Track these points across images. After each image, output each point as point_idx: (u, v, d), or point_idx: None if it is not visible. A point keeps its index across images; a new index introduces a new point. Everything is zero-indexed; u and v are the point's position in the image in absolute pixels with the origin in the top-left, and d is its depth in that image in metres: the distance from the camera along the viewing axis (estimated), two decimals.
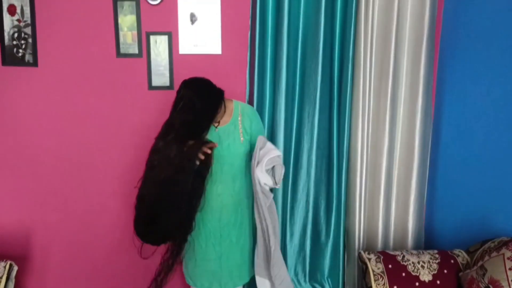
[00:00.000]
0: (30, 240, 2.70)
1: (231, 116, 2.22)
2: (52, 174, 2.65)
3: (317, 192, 2.80)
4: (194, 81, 2.10)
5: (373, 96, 2.64)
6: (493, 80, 2.35)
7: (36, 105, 2.58)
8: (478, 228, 2.38)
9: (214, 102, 2.08)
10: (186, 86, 2.06)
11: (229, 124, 2.21)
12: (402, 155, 2.69)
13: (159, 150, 2.02)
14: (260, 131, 2.30)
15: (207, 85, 2.10)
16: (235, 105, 2.25)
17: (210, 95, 2.07)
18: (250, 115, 2.25)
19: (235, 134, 2.20)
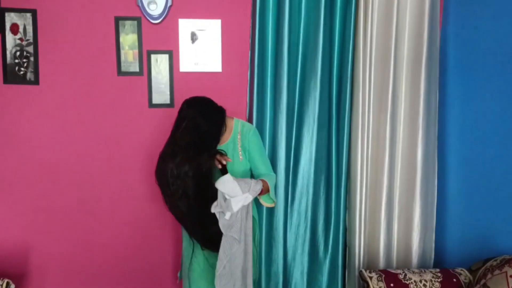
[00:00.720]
0: (28, 258, 2.68)
1: (230, 134, 2.22)
2: (52, 191, 2.64)
3: (316, 209, 2.78)
4: (196, 100, 2.11)
5: (373, 114, 2.64)
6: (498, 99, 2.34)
7: (37, 123, 2.59)
8: (481, 246, 2.37)
9: (218, 121, 2.09)
10: (189, 106, 2.06)
11: (229, 142, 2.21)
12: (404, 174, 2.67)
13: (173, 173, 1.96)
14: (259, 151, 2.28)
15: (209, 104, 2.11)
16: (235, 123, 2.26)
17: (213, 114, 2.08)
18: (249, 135, 2.24)
19: (234, 152, 2.20)
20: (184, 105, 2.07)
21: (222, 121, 2.11)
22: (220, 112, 2.12)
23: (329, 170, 2.73)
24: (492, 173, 2.39)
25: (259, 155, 2.29)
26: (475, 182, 2.50)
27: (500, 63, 2.31)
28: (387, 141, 2.63)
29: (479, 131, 2.47)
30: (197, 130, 2.00)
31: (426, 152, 2.63)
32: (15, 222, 2.65)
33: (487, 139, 2.42)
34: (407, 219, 2.68)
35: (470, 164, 2.54)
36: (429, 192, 2.66)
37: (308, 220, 2.78)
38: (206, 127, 2.01)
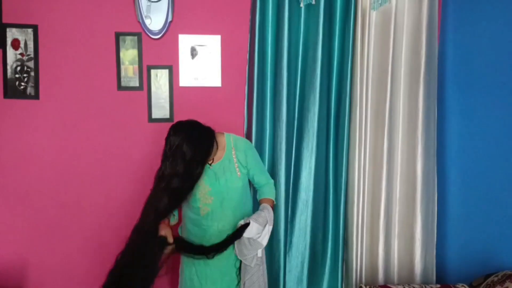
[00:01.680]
0: (26, 273, 2.65)
1: (224, 151, 2.19)
2: (50, 206, 2.63)
3: (316, 226, 2.77)
4: (181, 125, 2.04)
5: (370, 129, 2.65)
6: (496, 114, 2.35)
7: (36, 138, 2.59)
8: (482, 261, 2.35)
9: (205, 143, 2.04)
10: (175, 132, 1.99)
11: (223, 160, 2.18)
12: (403, 188, 2.67)
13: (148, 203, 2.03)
14: (257, 164, 2.29)
15: (195, 127, 2.05)
16: (226, 138, 2.22)
17: (200, 137, 2.03)
18: (245, 149, 2.23)
19: (230, 169, 2.17)
20: (171, 131, 2.01)
21: (210, 142, 2.06)
22: (208, 133, 2.07)
23: (327, 185, 2.73)
24: (493, 188, 2.39)
25: (258, 168, 2.29)
26: (476, 197, 2.49)
27: (498, 79, 2.32)
28: (384, 156, 2.64)
29: (478, 146, 2.48)
30: (182, 158, 1.95)
31: (426, 167, 2.62)
32: (13, 236, 2.63)
33: (486, 154, 2.42)
34: (408, 234, 2.66)
35: (470, 179, 2.54)
36: (429, 207, 2.65)
37: (308, 236, 2.76)
38: (191, 154, 1.95)
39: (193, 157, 1.96)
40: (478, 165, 2.48)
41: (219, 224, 2.18)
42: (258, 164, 2.30)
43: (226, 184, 2.15)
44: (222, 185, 2.14)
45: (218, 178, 2.14)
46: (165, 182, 1.97)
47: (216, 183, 2.13)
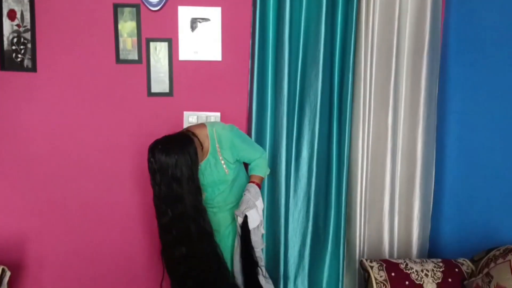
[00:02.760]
0: (25, 249, 2.65)
1: (209, 148, 2.11)
2: (49, 181, 2.61)
3: (318, 201, 2.75)
4: (158, 147, 1.90)
5: (374, 105, 2.62)
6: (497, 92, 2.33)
7: (34, 111, 2.56)
8: (483, 237, 2.34)
9: (189, 155, 1.91)
10: (154, 157, 1.88)
11: (209, 158, 2.11)
12: (404, 165, 2.66)
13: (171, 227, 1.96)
14: (245, 148, 2.20)
15: (172, 143, 1.92)
16: (209, 133, 2.11)
17: (180, 152, 1.89)
18: (230, 145, 2.13)
19: (217, 167, 2.12)
20: (149, 155, 1.90)
21: (192, 152, 1.93)
22: (188, 142, 1.95)
23: (330, 161, 2.71)
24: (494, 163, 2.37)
25: (247, 150, 2.22)
26: (476, 173, 2.48)
27: (502, 55, 2.29)
28: (388, 133, 2.62)
29: (479, 122, 2.46)
30: (172, 179, 1.88)
31: (426, 144, 2.61)
32: (13, 212, 2.62)
33: (487, 129, 2.40)
34: (407, 210, 2.66)
35: (471, 154, 2.52)
36: (428, 183, 2.64)
37: (310, 213, 2.75)
38: (178, 174, 1.88)
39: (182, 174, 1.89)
40: (479, 140, 2.46)
41: (213, 209, 2.20)
42: (247, 147, 2.23)
43: (214, 182, 2.13)
44: (211, 183, 2.13)
45: (206, 177, 2.12)
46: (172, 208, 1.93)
47: (205, 182, 2.11)
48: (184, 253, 1.96)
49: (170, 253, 1.99)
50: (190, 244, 1.96)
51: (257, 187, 2.20)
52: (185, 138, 1.97)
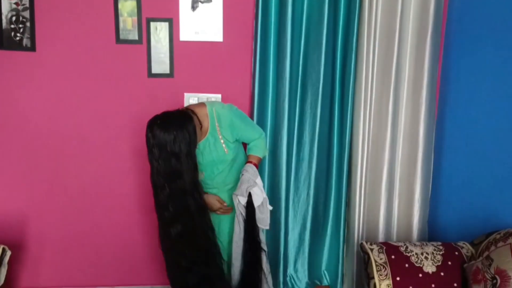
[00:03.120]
0: (25, 229, 2.65)
1: (208, 127, 2.08)
2: (49, 161, 2.61)
3: (318, 185, 2.75)
4: (157, 122, 1.90)
5: (376, 89, 2.60)
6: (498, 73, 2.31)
7: (33, 91, 2.54)
8: (482, 221, 2.35)
9: (187, 132, 1.90)
10: (152, 132, 1.87)
11: (208, 137, 2.09)
12: (405, 149, 2.65)
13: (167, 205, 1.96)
14: (245, 128, 2.17)
15: (171, 119, 1.91)
16: (209, 112, 2.08)
17: (181, 127, 1.89)
18: (229, 124, 2.10)
19: (217, 147, 2.10)
20: (148, 130, 1.89)
21: (191, 129, 1.92)
22: (185, 120, 1.92)
23: (331, 144, 2.69)
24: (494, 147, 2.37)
25: (246, 130, 2.19)
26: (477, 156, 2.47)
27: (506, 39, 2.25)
28: (389, 116, 2.60)
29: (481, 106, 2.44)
30: (171, 154, 1.87)
31: (428, 128, 2.59)
32: (13, 193, 2.62)
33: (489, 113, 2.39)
34: (408, 194, 2.65)
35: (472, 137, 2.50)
36: (428, 166, 2.63)
37: (311, 196, 2.76)
38: (177, 149, 1.87)
39: (180, 149, 1.88)
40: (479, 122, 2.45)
41: (212, 190, 2.19)
42: (247, 127, 2.20)
43: (213, 162, 2.11)
44: (210, 163, 2.11)
45: (205, 157, 2.10)
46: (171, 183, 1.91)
47: (204, 162, 2.09)
48: (180, 231, 1.96)
49: (167, 231, 1.99)
50: (187, 220, 1.96)
51: (255, 167, 2.18)
52: (185, 115, 1.96)
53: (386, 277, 2.04)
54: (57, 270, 2.72)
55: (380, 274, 2.05)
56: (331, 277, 2.81)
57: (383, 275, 2.05)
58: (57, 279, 2.73)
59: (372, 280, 2.07)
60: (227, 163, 2.12)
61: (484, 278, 1.87)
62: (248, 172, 2.13)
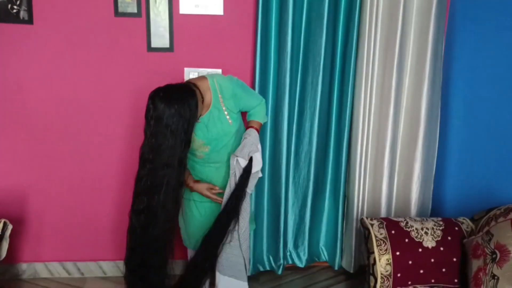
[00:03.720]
0: (26, 204, 2.66)
1: (211, 100, 2.05)
2: (48, 135, 2.59)
3: (318, 161, 2.75)
4: (159, 94, 1.87)
5: (378, 64, 2.56)
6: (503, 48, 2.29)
7: (30, 65, 2.50)
8: (485, 198, 2.35)
9: (189, 107, 1.87)
10: (154, 104, 1.84)
11: (212, 110, 2.06)
12: (407, 125, 2.63)
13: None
14: (246, 96, 2.15)
15: (173, 92, 1.88)
16: (211, 84, 2.06)
17: (183, 102, 1.86)
18: (232, 95, 2.07)
19: (221, 118, 2.07)
20: (149, 101, 1.86)
21: (193, 104, 1.89)
22: (188, 95, 1.90)
23: (330, 121, 2.68)
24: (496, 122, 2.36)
25: (247, 98, 2.17)
26: (479, 132, 2.48)
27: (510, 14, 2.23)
28: (392, 92, 2.57)
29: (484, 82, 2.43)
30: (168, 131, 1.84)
31: (430, 103, 2.57)
32: (12, 167, 2.61)
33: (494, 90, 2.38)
34: (408, 170, 2.65)
35: (474, 114, 2.50)
36: (431, 143, 2.62)
37: (311, 173, 2.76)
38: (174, 125, 1.84)
39: (178, 127, 1.85)
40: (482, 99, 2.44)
41: (216, 164, 2.17)
42: (248, 95, 2.19)
43: (219, 134, 2.09)
44: (215, 136, 2.08)
45: (210, 130, 2.07)
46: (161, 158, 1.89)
47: (209, 135, 2.07)
48: (144, 206, 1.94)
49: (133, 201, 1.98)
50: (156, 196, 1.92)
51: (256, 131, 2.17)
52: (188, 89, 1.93)
53: (386, 252, 2.06)
54: (58, 244, 2.73)
55: (380, 249, 2.07)
56: (329, 253, 2.84)
57: (383, 250, 2.06)
58: (58, 253, 2.75)
59: (372, 255, 2.08)
60: (231, 135, 2.11)
61: (483, 253, 1.89)
62: (251, 136, 2.12)
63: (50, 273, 2.76)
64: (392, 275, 2.04)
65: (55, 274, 2.76)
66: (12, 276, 2.71)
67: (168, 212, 1.97)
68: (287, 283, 2.77)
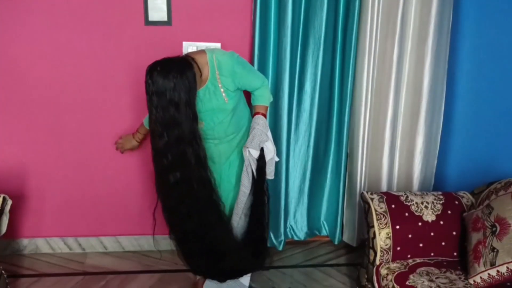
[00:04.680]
0: (26, 179, 2.65)
1: (208, 75, 2.03)
2: (48, 111, 2.57)
3: (319, 136, 2.74)
4: (156, 69, 1.85)
5: (380, 36, 2.53)
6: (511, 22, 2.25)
7: (28, 41, 2.47)
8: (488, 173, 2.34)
9: (187, 80, 1.86)
10: (152, 78, 1.84)
11: (207, 85, 2.03)
12: (409, 99, 2.61)
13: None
14: (246, 76, 2.11)
15: (171, 65, 1.87)
16: (209, 60, 2.03)
17: (181, 75, 1.85)
18: (230, 73, 2.04)
19: (216, 95, 2.05)
20: (147, 76, 1.86)
21: (191, 76, 1.88)
22: (185, 68, 1.88)
23: (332, 95, 2.65)
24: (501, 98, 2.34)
25: (248, 78, 2.13)
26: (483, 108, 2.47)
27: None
28: (393, 65, 2.54)
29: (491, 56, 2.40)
30: (171, 102, 1.84)
31: (434, 77, 2.54)
32: (11, 142, 2.60)
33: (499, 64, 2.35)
34: (410, 145, 2.65)
35: (479, 89, 2.48)
36: (434, 118, 2.61)
37: (311, 147, 2.75)
38: (176, 98, 1.83)
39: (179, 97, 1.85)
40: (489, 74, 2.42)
41: (214, 141, 2.16)
42: (248, 74, 2.14)
43: (213, 110, 2.07)
44: (209, 111, 2.07)
45: (204, 104, 2.05)
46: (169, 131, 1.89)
47: (203, 110, 2.04)
48: (179, 178, 1.96)
49: (165, 178, 1.99)
50: (185, 168, 1.95)
51: (264, 117, 2.16)
52: (185, 62, 1.91)
53: (385, 226, 2.06)
54: (58, 219, 2.74)
55: (380, 222, 2.07)
56: (330, 227, 2.85)
57: (382, 224, 2.07)
58: (59, 228, 2.76)
59: (372, 229, 2.09)
60: (227, 113, 2.09)
61: (483, 226, 1.89)
62: (259, 124, 2.11)
63: (51, 248, 2.78)
64: (391, 249, 2.05)
65: (56, 250, 2.78)
66: (13, 251, 2.73)
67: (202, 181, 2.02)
68: (288, 257, 2.80)
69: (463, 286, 1.84)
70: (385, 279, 1.98)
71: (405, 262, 2.04)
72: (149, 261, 2.72)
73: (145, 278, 2.56)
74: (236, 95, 2.11)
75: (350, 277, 2.58)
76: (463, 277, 1.91)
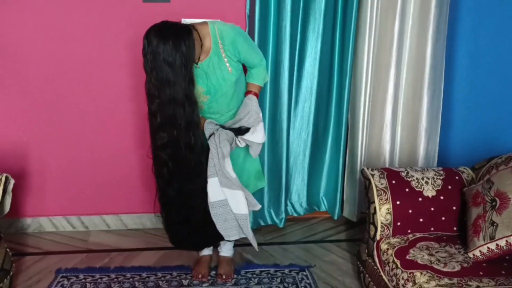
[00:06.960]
0: (28, 158, 2.66)
1: (210, 46, 2.01)
2: (47, 89, 2.57)
3: (319, 112, 2.73)
4: (155, 31, 1.84)
5: (381, 10, 2.50)
6: None
7: (26, 19, 2.45)
8: (486, 148, 2.35)
9: (184, 44, 1.84)
10: (149, 42, 1.82)
11: (211, 56, 2.02)
12: (410, 75, 2.60)
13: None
14: (248, 49, 2.09)
15: (169, 31, 1.85)
16: (211, 29, 2.01)
17: (177, 38, 1.83)
18: (232, 41, 2.02)
19: (220, 66, 2.03)
20: (144, 37, 1.85)
21: (189, 41, 1.86)
22: (183, 32, 1.87)
23: (332, 71, 2.64)
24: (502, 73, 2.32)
25: (249, 52, 2.11)
26: (484, 83, 2.45)
27: None
28: (394, 40, 2.53)
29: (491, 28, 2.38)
30: (167, 65, 1.83)
31: (435, 51, 2.52)
32: (11, 121, 2.60)
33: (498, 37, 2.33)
34: (413, 121, 2.64)
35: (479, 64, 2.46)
36: (435, 94, 2.59)
37: (311, 124, 2.75)
38: (172, 59, 1.82)
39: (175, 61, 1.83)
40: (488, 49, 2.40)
41: (215, 115, 2.16)
42: (249, 48, 2.12)
43: (218, 82, 2.05)
44: (214, 84, 2.05)
45: (209, 76, 2.04)
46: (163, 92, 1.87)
47: (208, 83, 2.04)
48: (167, 139, 1.95)
49: (154, 139, 1.98)
50: (174, 130, 1.93)
51: (256, 98, 2.16)
52: (184, 27, 1.90)
53: (386, 201, 2.07)
54: (60, 198, 2.76)
55: (381, 198, 2.08)
56: (329, 203, 2.88)
57: (383, 200, 2.07)
58: (60, 207, 2.78)
59: (373, 205, 2.10)
60: (231, 85, 2.08)
61: (483, 201, 1.90)
62: (254, 106, 2.11)
63: (55, 226, 2.80)
64: (392, 224, 2.07)
65: (59, 228, 2.81)
66: (17, 230, 2.76)
67: (189, 145, 1.98)
68: (288, 234, 2.83)
69: (462, 259, 1.86)
70: (385, 254, 2.00)
71: (405, 237, 2.06)
72: (152, 238, 2.75)
73: (149, 255, 2.59)
74: (239, 66, 2.10)
75: (351, 252, 2.62)
76: (462, 251, 1.92)
